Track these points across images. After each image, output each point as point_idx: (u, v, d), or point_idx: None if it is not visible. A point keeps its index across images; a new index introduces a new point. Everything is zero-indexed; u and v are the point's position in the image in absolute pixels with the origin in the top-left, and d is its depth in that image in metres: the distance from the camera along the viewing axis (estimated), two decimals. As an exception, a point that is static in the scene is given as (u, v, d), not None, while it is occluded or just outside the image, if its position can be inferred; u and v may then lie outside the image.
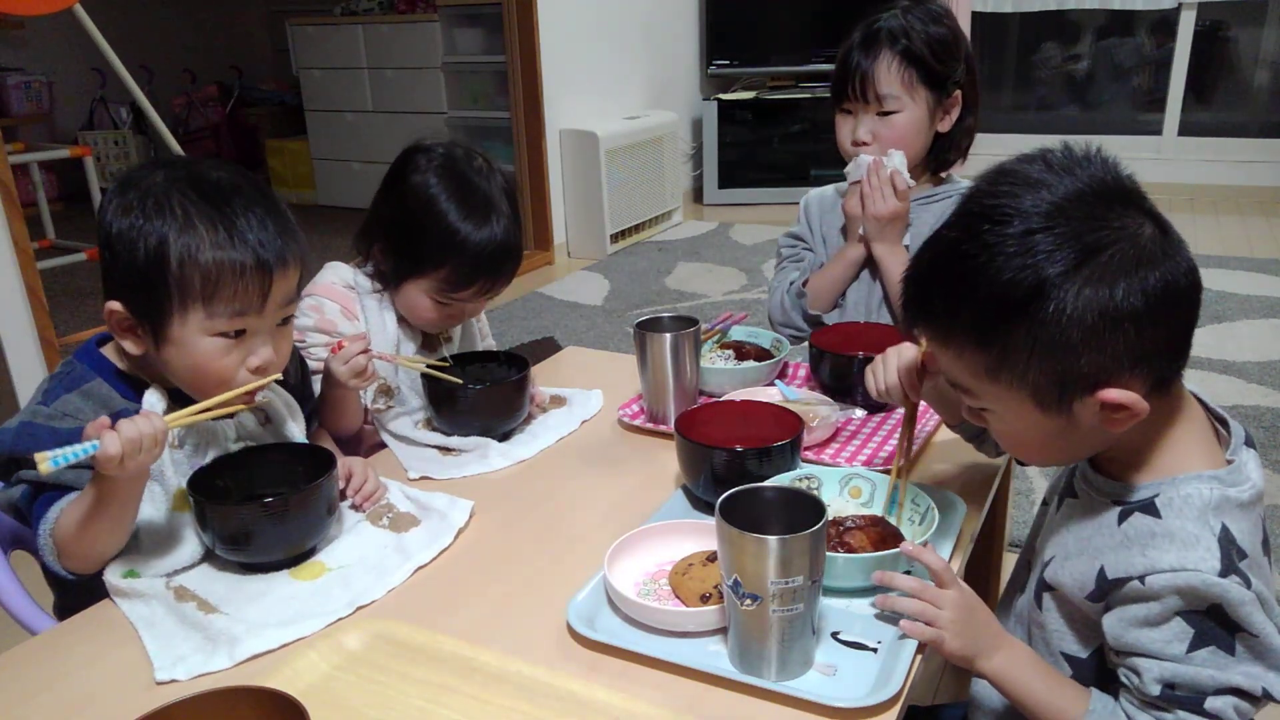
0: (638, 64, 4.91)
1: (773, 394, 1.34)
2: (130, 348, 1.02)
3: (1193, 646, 0.77)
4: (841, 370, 1.34)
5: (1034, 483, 2.21)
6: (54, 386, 1.02)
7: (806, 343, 1.44)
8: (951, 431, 1.14)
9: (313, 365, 1.30)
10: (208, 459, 1.06)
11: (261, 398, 1.08)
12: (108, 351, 1.07)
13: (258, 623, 0.92)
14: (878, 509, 1.06)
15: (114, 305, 1.00)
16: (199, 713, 0.70)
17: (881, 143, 1.50)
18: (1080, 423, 0.81)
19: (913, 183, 1.49)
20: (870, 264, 1.57)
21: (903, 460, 1.06)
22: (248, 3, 6.78)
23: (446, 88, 4.98)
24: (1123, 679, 0.82)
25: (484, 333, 1.59)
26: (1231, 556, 0.77)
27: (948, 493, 1.07)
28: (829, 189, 1.68)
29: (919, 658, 0.84)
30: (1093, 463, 0.90)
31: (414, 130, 1.47)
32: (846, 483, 1.09)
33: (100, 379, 1.03)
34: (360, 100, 5.28)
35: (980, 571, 1.58)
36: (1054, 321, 0.76)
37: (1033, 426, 0.83)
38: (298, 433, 1.15)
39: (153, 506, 1.01)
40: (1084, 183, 0.78)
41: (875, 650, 0.86)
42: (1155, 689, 0.78)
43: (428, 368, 1.31)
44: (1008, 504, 1.63)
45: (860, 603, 0.92)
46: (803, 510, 0.83)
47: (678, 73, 5.28)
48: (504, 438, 1.32)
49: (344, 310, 1.37)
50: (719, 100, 5.09)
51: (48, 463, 0.86)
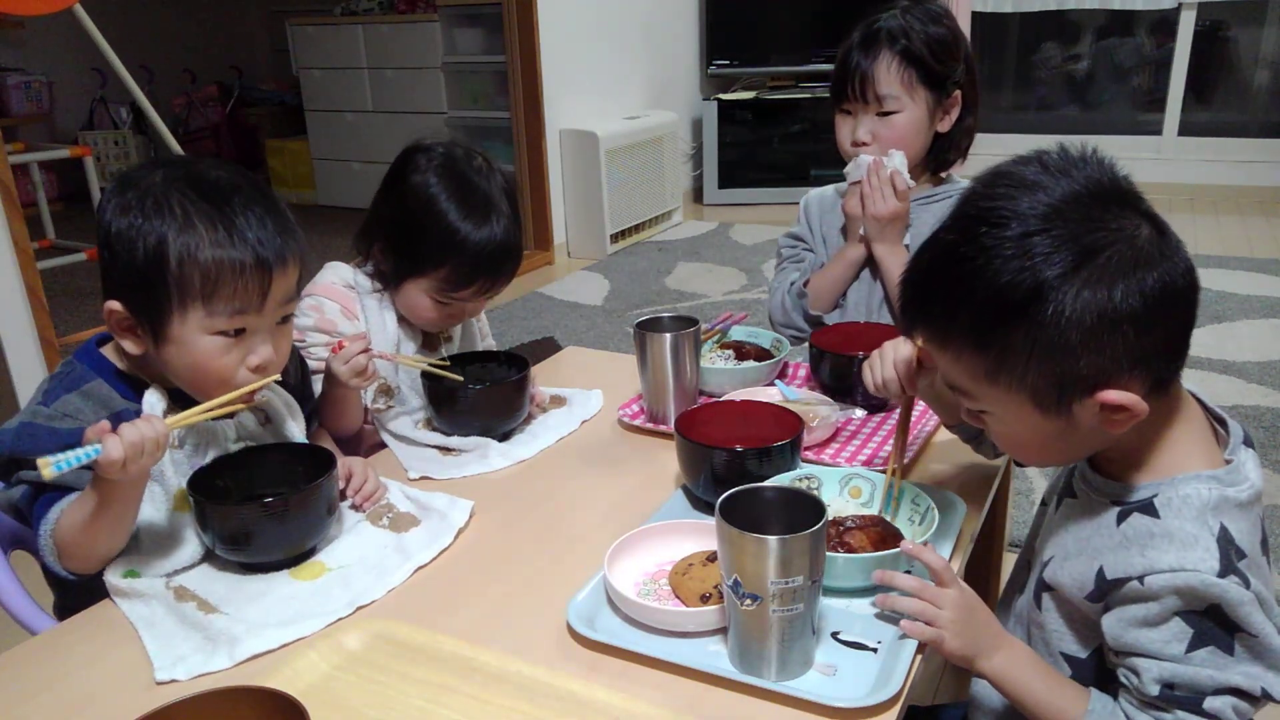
0: (638, 64, 4.91)
1: (773, 394, 1.34)
2: (130, 347, 1.02)
3: (1192, 646, 0.77)
4: (841, 370, 1.34)
5: (1034, 483, 2.21)
6: (54, 387, 1.02)
7: (806, 343, 1.44)
8: (950, 432, 1.15)
9: (313, 365, 1.30)
10: (208, 459, 1.06)
11: (261, 397, 1.09)
12: (107, 352, 1.07)
13: (258, 623, 0.92)
14: (877, 509, 1.06)
15: (113, 305, 1.00)
16: (199, 713, 0.70)
17: (881, 143, 1.50)
18: (1079, 424, 0.81)
19: (912, 183, 1.49)
20: (871, 264, 1.57)
21: (898, 456, 1.06)
22: (248, 3, 6.78)
23: (446, 88, 4.98)
24: (1122, 679, 0.82)
25: (484, 333, 1.59)
26: (1230, 556, 0.77)
27: (947, 493, 1.07)
28: (829, 189, 1.68)
29: (919, 658, 0.85)
30: (1091, 463, 0.90)
31: (414, 130, 1.47)
32: (846, 483, 1.09)
33: (100, 379, 1.03)
34: (360, 100, 5.29)
35: (980, 571, 1.58)
36: (1052, 324, 0.76)
37: (1032, 428, 0.83)
38: (298, 433, 1.15)
39: (153, 507, 1.01)
40: (1080, 184, 0.78)
41: (875, 650, 0.86)
42: (1154, 689, 0.78)
43: (428, 366, 1.31)
44: (1008, 504, 1.63)
45: (860, 603, 0.92)
46: (803, 510, 0.83)
47: (678, 73, 5.28)
48: (504, 438, 1.32)
49: (344, 310, 1.37)
50: (719, 100, 5.09)
51: (50, 468, 0.86)
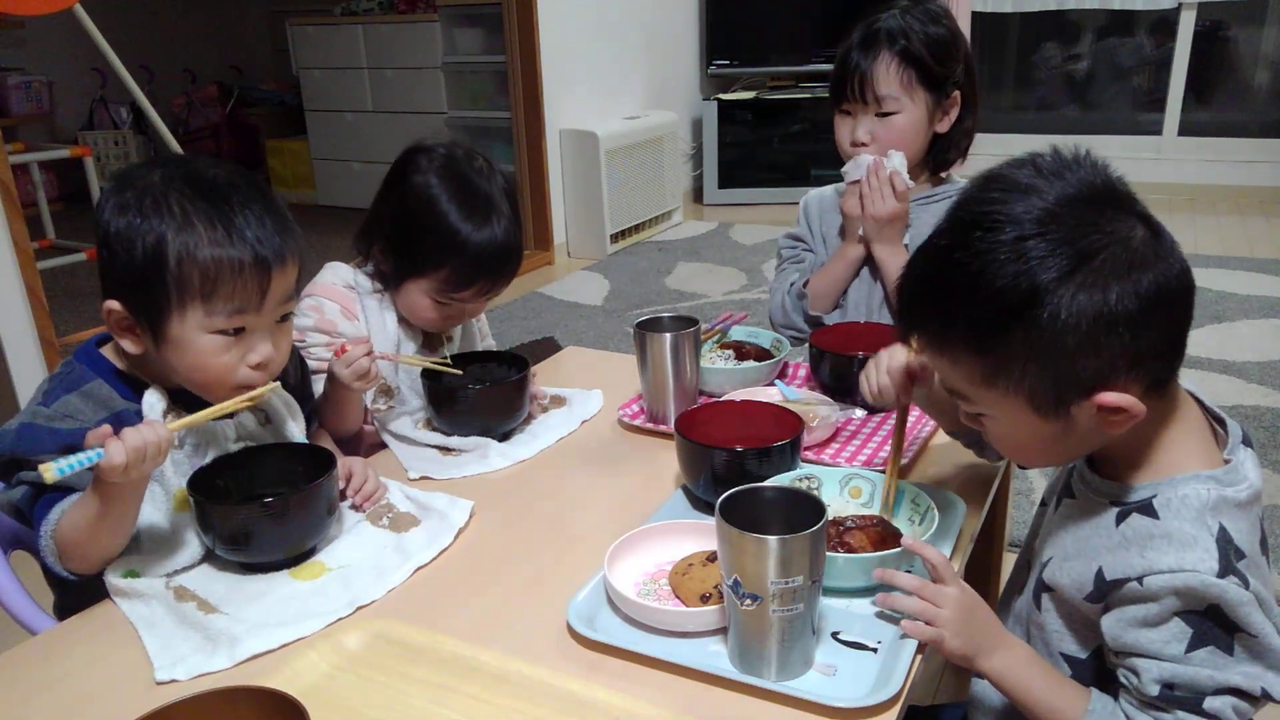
0: (638, 64, 4.91)
1: (773, 394, 1.34)
2: (129, 347, 1.02)
3: (1191, 647, 0.77)
4: (841, 370, 1.34)
5: (1034, 483, 2.21)
6: (54, 387, 1.02)
7: (806, 343, 1.44)
8: (951, 438, 1.15)
9: (313, 365, 1.30)
10: (208, 459, 1.06)
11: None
12: (107, 352, 1.07)
13: (258, 623, 0.92)
14: (877, 509, 1.06)
15: (112, 304, 1.00)
16: (199, 713, 0.70)
17: (880, 143, 1.49)
18: (1077, 426, 0.81)
19: (911, 183, 1.49)
20: (870, 264, 1.57)
21: (895, 463, 1.06)
22: (248, 3, 6.78)
23: (446, 88, 4.97)
24: (1122, 679, 0.82)
25: (484, 333, 1.59)
26: (1229, 557, 0.77)
27: (947, 493, 1.07)
28: (828, 189, 1.68)
29: (919, 658, 0.85)
30: (1090, 463, 0.90)
31: (414, 130, 1.47)
32: (847, 483, 1.09)
33: (100, 379, 1.03)
34: (360, 100, 5.28)
35: (980, 571, 1.58)
36: (1049, 327, 0.76)
37: (1030, 431, 0.83)
38: (297, 433, 1.15)
39: (153, 507, 1.01)
40: (1074, 187, 0.78)
41: (875, 650, 0.86)
42: (1154, 689, 0.78)
43: (429, 364, 1.31)
44: (1008, 504, 1.63)
45: (860, 603, 0.92)
46: (803, 510, 0.83)
47: (678, 73, 5.27)
48: (504, 438, 1.32)
49: (344, 310, 1.37)
50: (719, 100, 5.08)
51: (53, 471, 0.86)
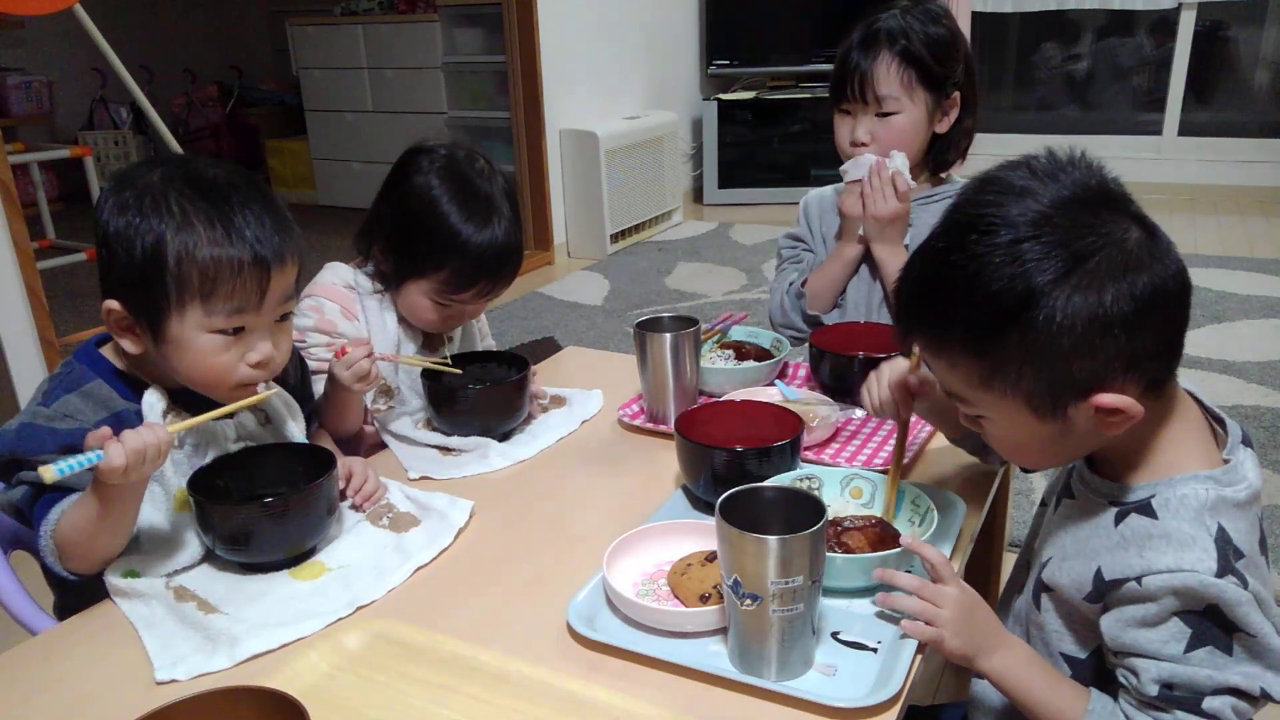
0: (638, 64, 4.91)
1: (773, 394, 1.34)
2: (129, 346, 1.02)
3: (1190, 647, 0.77)
4: (841, 370, 1.34)
5: (1034, 483, 2.21)
6: (54, 387, 1.02)
7: (806, 343, 1.44)
8: (954, 445, 1.15)
9: (313, 365, 1.30)
10: (208, 459, 1.06)
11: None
12: (107, 352, 1.07)
13: (258, 623, 0.92)
14: (878, 510, 1.06)
15: (111, 304, 1.00)
16: (199, 713, 0.70)
17: (880, 143, 1.49)
18: (1075, 427, 0.81)
19: (913, 184, 1.49)
20: (870, 264, 1.57)
21: (895, 472, 1.05)
22: (248, 3, 6.78)
23: (446, 88, 4.97)
24: (1121, 679, 0.82)
25: (484, 333, 1.59)
26: (1228, 556, 0.77)
27: (948, 493, 1.07)
28: (828, 189, 1.68)
29: (919, 658, 0.85)
30: (1090, 464, 0.90)
31: (414, 130, 1.48)
32: (848, 483, 1.09)
33: (100, 379, 1.03)
34: (360, 100, 5.28)
35: (980, 571, 1.58)
36: (1045, 329, 0.76)
37: (1028, 432, 0.84)
38: (297, 433, 1.15)
39: (153, 507, 1.01)
40: (1069, 189, 0.78)
41: (875, 650, 0.86)
42: (1153, 689, 0.78)
43: (429, 364, 1.31)
44: (1008, 504, 1.63)
45: (860, 603, 0.92)
46: (803, 510, 0.83)
47: (678, 73, 5.27)
48: (504, 438, 1.32)
49: (344, 310, 1.37)
50: (719, 100, 5.08)
51: (52, 471, 0.86)
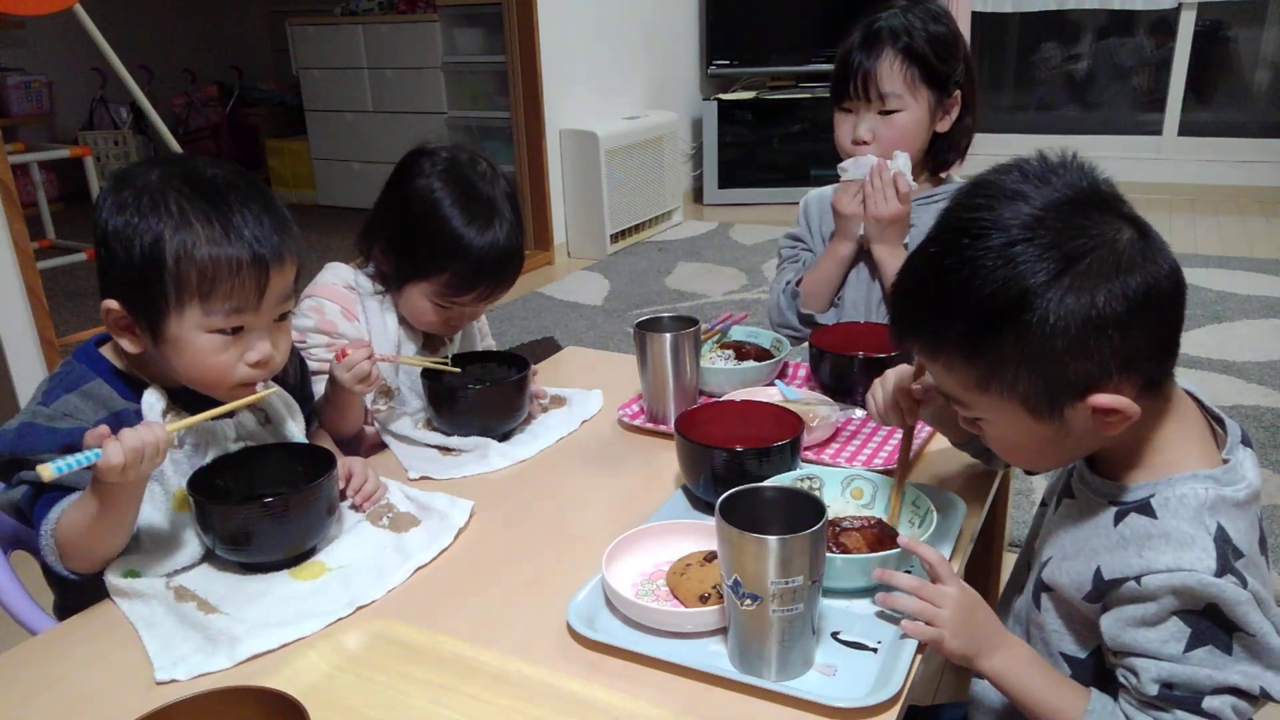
0: (638, 64, 4.91)
1: (773, 394, 1.34)
2: (128, 346, 1.02)
3: (1190, 646, 0.77)
4: (841, 370, 1.34)
5: (1034, 483, 2.21)
6: (53, 387, 1.02)
7: (806, 343, 1.44)
8: (959, 449, 1.15)
9: (313, 366, 1.30)
10: (208, 459, 1.06)
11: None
12: (107, 351, 1.07)
13: (258, 623, 0.92)
14: (879, 510, 1.06)
15: (110, 304, 1.00)
16: (199, 713, 0.70)
17: (882, 142, 1.49)
18: (1073, 428, 0.81)
19: (915, 185, 1.48)
20: (869, 264, 1.57)
21: (900, 479, 1.05)
22: (248, 3, 6.78)
23: (446, 88, 4.97)
24: (1121, 679, 0.82)
25: (484, 333, 1.59)
26: (1227, 556, 0.77)
27: (948, 493, 1.07)
28: (829, 189, 1.68)
29: (919, 658, 0.85)
30: (1089, 463, 0.90)
31: (414, 130, 1.48)
32: (848, 484, 1.09)
33: (99, 379, 1.03)
34: (360, 100, 5.28)
35: (980, 571, 1.58)
36: (1039, 331, 0.76)
37: (1026, 434, 0.84)
38: (297, 432, 1.15)
39: (153, 507, 1.01)
40: (1060, 191, 0.78)
41: (875, 650, 0.86)
42: (1153, 689, 0.78)
43: (429, 364, 1.31)
44: (1008, 504, 1.63)
45: (860, 603, 0.92)
46: (803, 510, 0.83)
47: (678, 73, 5.27)
48: (504, 438, 1.32)
49: (344, 311, 1.37)
50: (719, 100, 5.08)
51: (50, 470, 0.86)
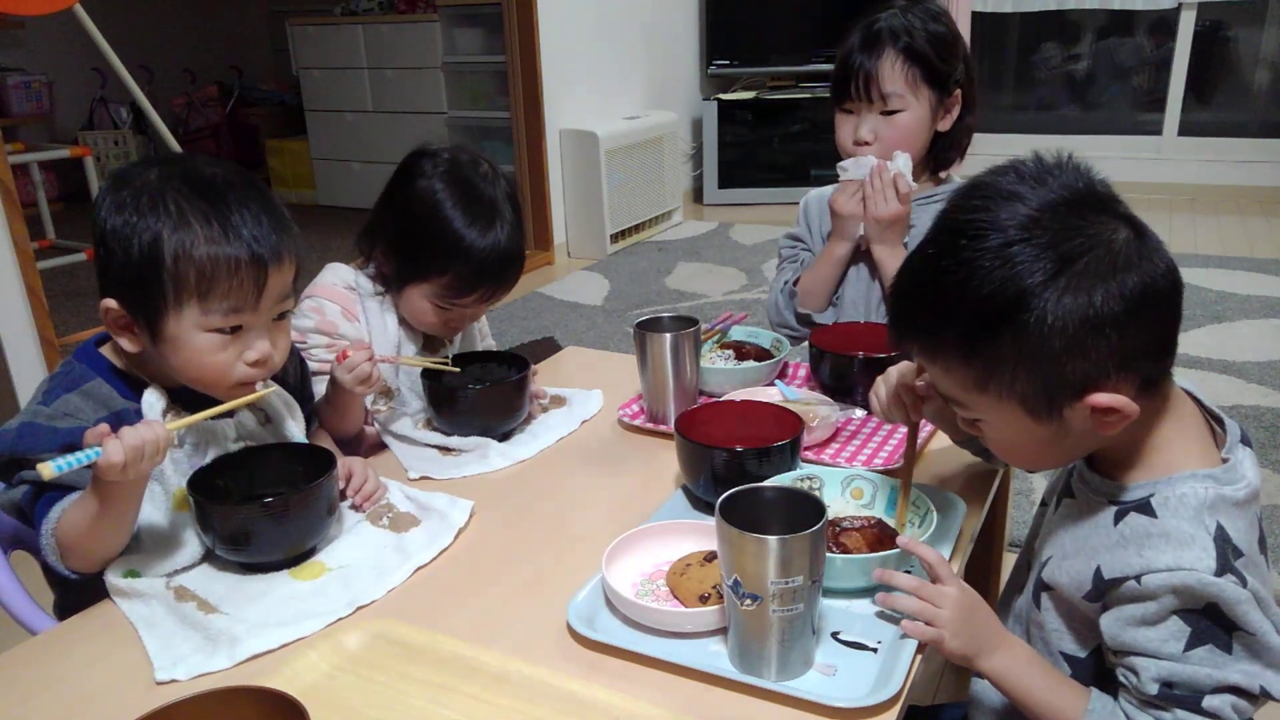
0: (638, 64, 4.91)
1: (773, 394, 1.34)
2: (127, 345, 1.02)
3: (1190, 645, 0.77)
4: (841, 370, 1.34)
5: (1034, 483, 2.21)
6: (54, 387, 1.02)
7: (806, 343, 1.44)
8: (960, 447, 1.14)
9: (314, 367, 1.31)
10: (208, 459, 1.06)
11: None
12: (107, 351, 1.07)
13: (258, 623, 0.92)
14: (879, 510, 1.06)
15: (109, 303, 1.00)
16: (199, 713, 0.70)
17: (884, 143, 1.49)
18: (1072, 428, 0.81)
19: (915, 186, 1.48)
20: (869, 263, 1.57)
21: (906, 478, 1.04)
22: (248, 3, 6.78)
23: (446, 88, 4.97)
24: (1121, 678, 0.82)
25: (484, 333, 1.59)
26: (1227, 555, 0.77)
27: (948, 493, 1.07)
28: (829, 189, 1.67)
29: (919, 658, 0.85)
30: (1089, 463, 0.90)
31: (414, 130, 1.48)
32: (848, 484, 1.09)
33: (100, 379, 1.03)
34: (360, 100, 5.28)
35: (980, 571, 1.58)
36: (1036, 331, 0.76)
37: (1025, 434, 0.84)
38: (297, 432, 1.15)
39: (153, 506, 1.01)
40: (1056, 192, 0.79)
41: (875, 650, 0.86)
42: (1153, 688, 0.78)
43: (429, 364, 1.31)
44: (1008, 504, 1.63)
45: (860, 603, 0.92)
46: (803, 510, 0.83)
47: (678, 73, 5.27)
48: (504, 438, 1.32)
49: (344, 312, 1.37)
50: (719, 100, 5.08)
51: (50, 468, 0.86)
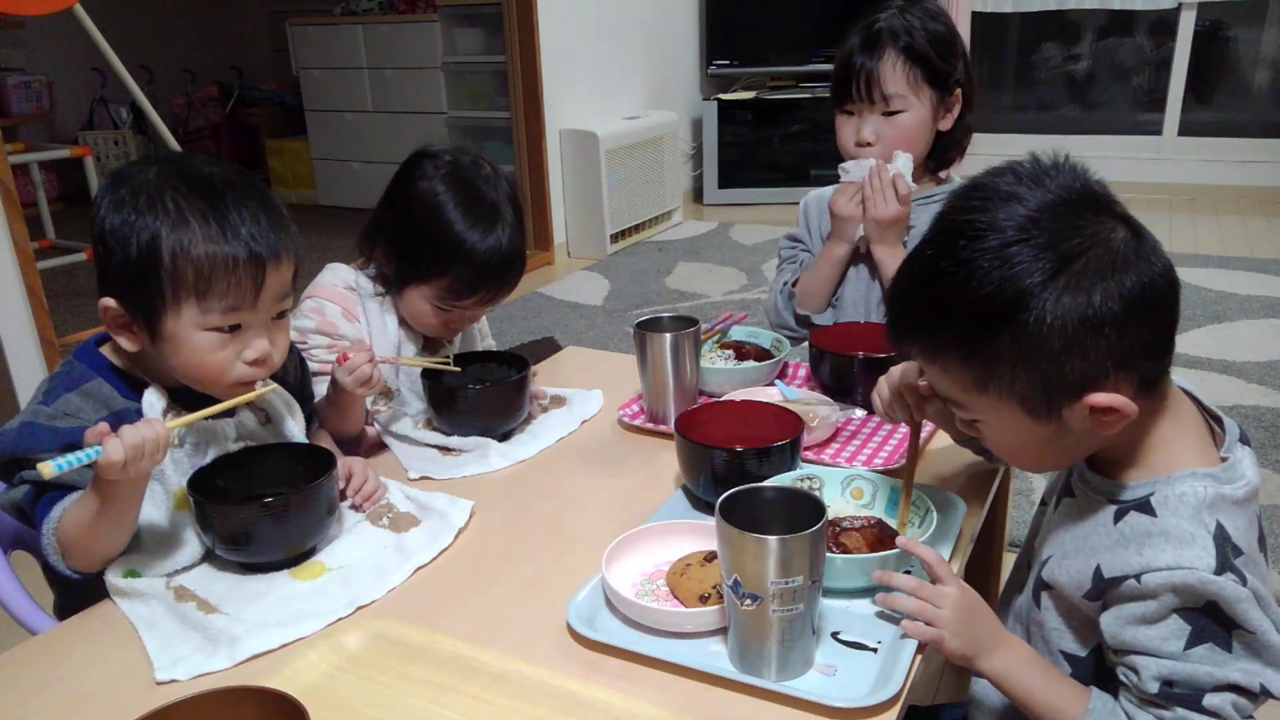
0: (638, 64, 4.91)
1: (773, 394, 1.34)
2: (126, 344, 1.02)
3: (1190, 644, 0.77)
4: (841, 370, 1.34)
5: (1034, 483, 2.21)
6: (54, 387, 1.02)
7: (806, 343, 1.44)
8: (961, 445, 1.14)
9: (314, 367, 1.31)
10: (208, 459, 1.06)
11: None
12: (107, 351, 1.07)
13: (258, 623, 0.92)
14: (879, 510, 1.06)
15: (108, 302, 1.00)
16: (199, 713, 0.70)
17: (886, 143, 1.48)
18: (1071, 428, 0.81)
19: (914, 187, 1.48)
20: (869, 264, 1.57)
21: (908, 479, 1.04)
22: (248, 3, 6.78)
23: (446, 88, 4.97)
24: (1121, 677, 0.82)
25: (484, 333, 1.59)
26: (1227, 554, 0.77)
27: (948, 493, 1.07)
28: (829, 190, 1.67)
29: (919, 658, 0.85)
30: (1089, 462, 0.90)
31: (414, 130, 1.48)
32: (848, 484, 1.09)
33: (100, 378, 1.03)
34: (360, 100, 5.28)
35: (980, 571, 1.57)
36: (1035, 331, 0.76)
37: (1025, 435, 0.84)
38: (297, 431, 1.15)
39: (153, 506, 1.01)
40: (1054, 192, 0.79)
41: (875, 650, 0.86)
42: (1154, 687, 0.78)
43: (429, 364, 1.31)
44: (1008, 504, 1.63)
45: (860, 603, 0.92)
46: (803, 510, 0.83)
47: (678, 73, 5.27)
48: (504, 438, 1.32)
49: (345, 312, 1.37)
50: (719, 100, 5.08)
51: (50, 467, 0.86)
